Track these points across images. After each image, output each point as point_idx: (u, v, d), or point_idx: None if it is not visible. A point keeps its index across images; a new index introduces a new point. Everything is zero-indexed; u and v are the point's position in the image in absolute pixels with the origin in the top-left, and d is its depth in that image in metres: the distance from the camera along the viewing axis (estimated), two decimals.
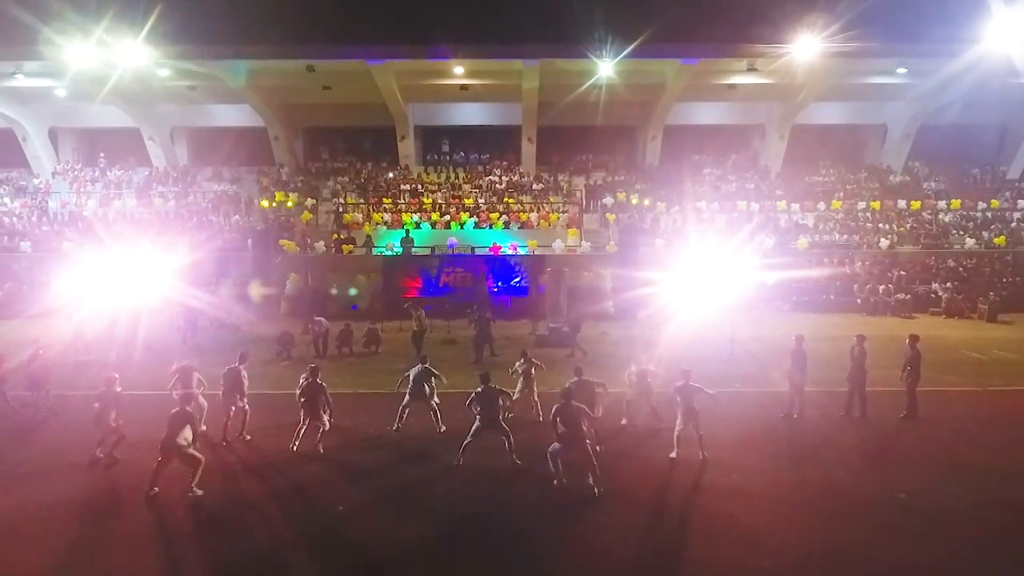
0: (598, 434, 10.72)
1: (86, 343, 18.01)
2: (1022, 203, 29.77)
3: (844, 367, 13.26)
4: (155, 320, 21.03)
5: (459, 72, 27.91)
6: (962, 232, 27.96)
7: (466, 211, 28.75)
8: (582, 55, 25.54)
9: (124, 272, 20.93)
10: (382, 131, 32.95)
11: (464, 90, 29.53)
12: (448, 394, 12.53)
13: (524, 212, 28.70)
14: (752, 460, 10.61)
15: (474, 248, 25.80)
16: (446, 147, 34.61)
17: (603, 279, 24.15)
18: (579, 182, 31.76)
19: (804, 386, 12.84)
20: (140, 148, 33.07)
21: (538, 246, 25.87)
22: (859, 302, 24.38)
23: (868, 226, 28.23)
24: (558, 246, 25.90)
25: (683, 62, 26.41)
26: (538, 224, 28.00)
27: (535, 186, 31.04)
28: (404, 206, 29.41)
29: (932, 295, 24.67)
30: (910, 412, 12.70)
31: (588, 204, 30.26)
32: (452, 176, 32.45)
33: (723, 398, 13.93)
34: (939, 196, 30.51)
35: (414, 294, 24.21)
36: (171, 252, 25.06)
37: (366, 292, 23.98)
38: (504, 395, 10.41)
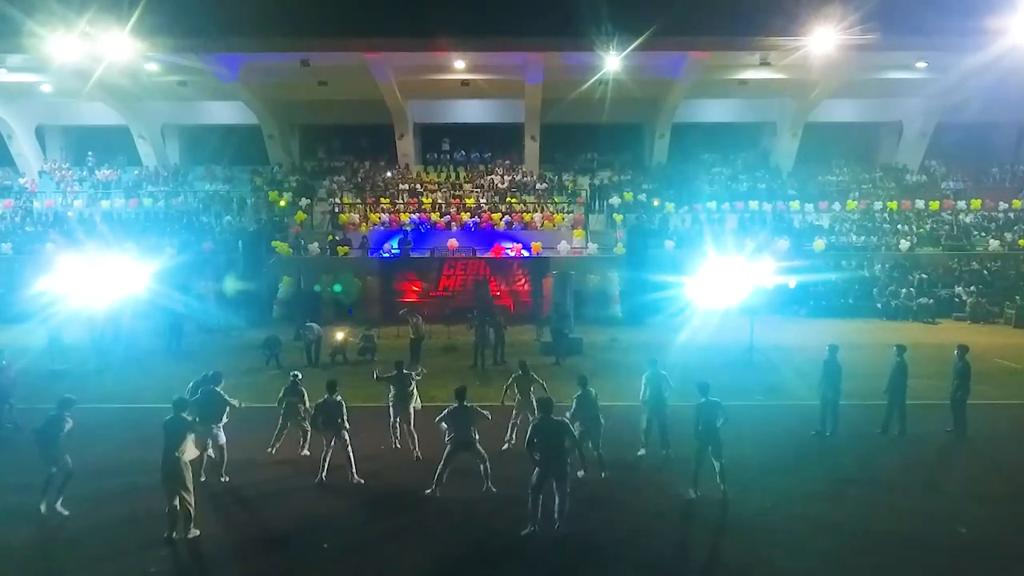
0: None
1: (62, 350, 16.95)
2: None
3: (871, 377, 12.20)
4: (138, 325, 19.98)
5: (460, 67, 26.83)
6: (984, 233, 26.84)
7: (467, 211, 27.66)
8: (588, 48, 24.42)
9: (107, 275, 19.82)
10: (380, 129, 31.80)
11: (465, 86, 28.43)
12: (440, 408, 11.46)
13: (527, 212, 27.62)
14: (782, 486, 9.46)
15: (475, 250, 24.68)
16: (446, 145, 33.48)
17: (611, 282, 23.05)
18: (584, 182, 30.66)
19: (839, 401, 11.73)
20: (130, 146, 31.97)
21: (542, 248, 24.76)
22: (879, 307, 23.27)
23: (886, 227, 27.11)
24: (563, 248, 24.80)
25: (694, 56, 25.28)
26: (542, 225, 26.90)
27: (538, 186, 29.96)
28: (403, 206, 28.31)
29: (956, 299, 23.56)
30: (959, 429, 11.59)
31: (593, 204, 29.16)
32: (452, 175, 31.37)
33: (744, 412, 12.88)
34: (958, 196, 29.38)
35: (413, 298, 23.12)
36: (158, 254, 24.05)
37: (351, 289, 22.88)
38: (480, 418, 9.01)
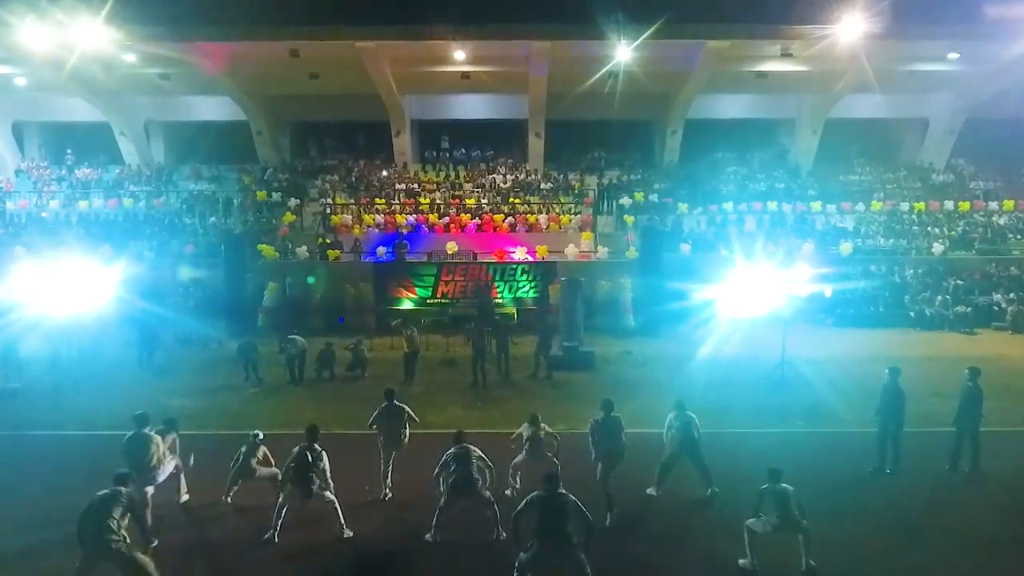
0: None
1: (17, 366, 15.27)
2: None
3: (917, 398, 10.81)
4: (106, 337, 18.22)
5: (460, 58, 25.09)
6: (1020, 236, 25.08)
7: (467, 213, 25.95)
8: (598, 37, 22.71)
9: (74, 281, 18.09)
10: (376, 126, 30.15)
11: (465, 79, 26.71)
12: (435, 436, 9.78)
13: (532, 214, 25.88)
14: (848, 537, 7.84)
15: (476, 254, 22.95)
16: (445, 143, 31.79)
17: (623, 289, 21.32)
18: (591, 181, 28.94)
19: (901, 433, 10.01)
20: (112, 144, 30.26)
21: (548, 251, 23.03)
22: (912, 315, 21.51)
23: (915, 229, 25.36)
24: (571, 251, 23.05)
25: (712, 45, 23.53)
26: (548, 227, 25.18)
27: (543, 185, 28.24)
28: (399, 207, 26.60)
29: (995, 307, 21.80)
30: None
31: (602, 205, 27.45)
32: (452, 174, 29.65)
33: (785, 441, 11.24)
34: (988, 196, 27.63)
35: (408, 306, 21.44)
36: (134, 258, 22.38)
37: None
38: (485, 467, 7.58)
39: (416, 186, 28.24)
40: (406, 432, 9.09)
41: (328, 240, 23.58)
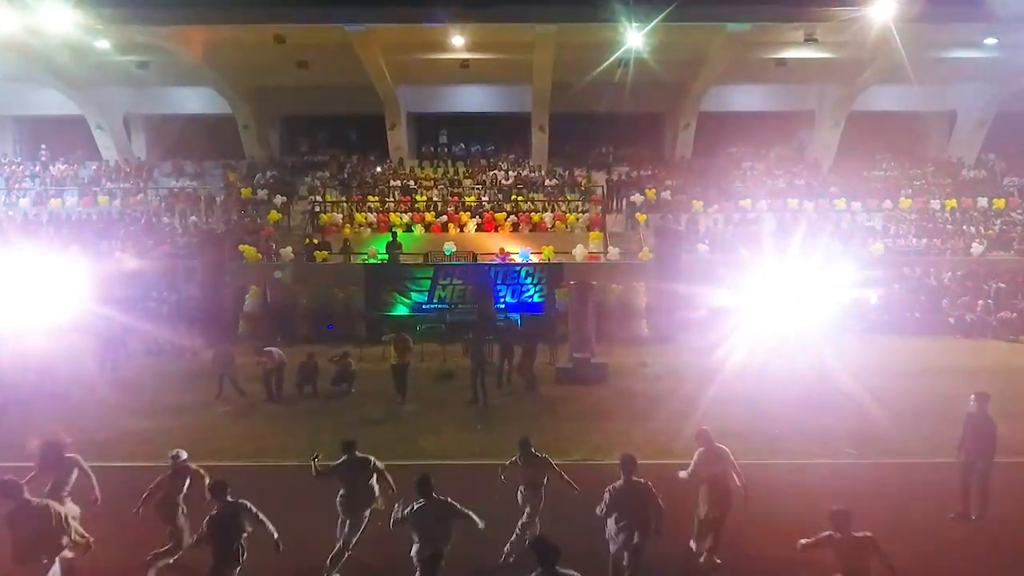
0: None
1: None
2: None
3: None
4: (65, 346, 16.32)
5: (458, 44, 23.32)
6: None
7: (467, 211, 24.18)
8: (608, 20, 20.95)
9: (31, 285, 16.36)
10: (370, 119, 28.42)
11: (465, 67, 24.96)
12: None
13: (536, 212, 24.14)
14: None
15: (476, 255, 21.17)
16: (444, 137, 30.03)
17: (636, 293, 19.55)
18: (599, 177, 27.19)
19: (989, 472, 8.22)
20: (90, 139, 28.59)
21: (554, 253, 21.26)
22: (951, 321, 19.76)
23: (949, 228, 23.58)
24: (579, 253, 21.25)
25: (731, 28, 21.77)
26: (553, 226, 23.42)
27: (547, 182, 26.50)
28: (393, 205, 24.84)
29: None
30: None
31: (611, 202, 25.70)
32: (450, 171, 27.87)
33: (835, 473, 9.50)
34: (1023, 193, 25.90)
35: (402, 311, 19.68)
36: (104, 260, 20.65)
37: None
38: (460, 517, 5.74)
39: (412, 183, 26.50)
40: (377, 499, 6.75)
41: (316, 240, 21.84)
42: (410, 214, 23.89)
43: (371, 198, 25.17)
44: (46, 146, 28.80)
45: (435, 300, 19.78)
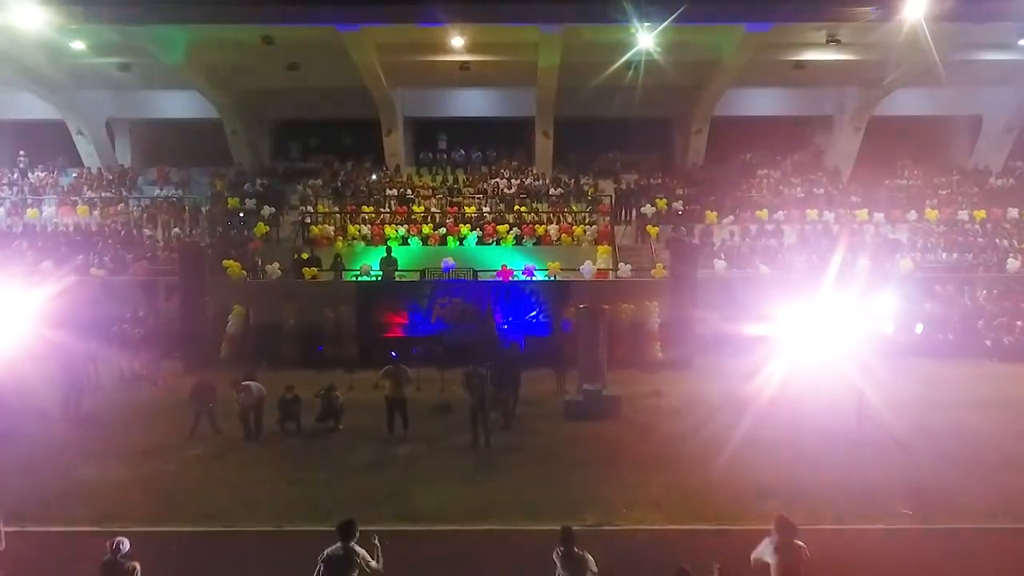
0: None
1: None
2: None
3: None
4: (24, 373, 14.80)
5: (458, 45, 21.94)
6: None
7: (467, 222, 22.79)
8: (618, 20, 19.57)
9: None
10: (365, 124, 27.05)
11: (465, 70, 23.63)
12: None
13: (540, 224, 22.75)
14: None
15: (477, 272, 19.77)
16: (443, 143, 28.72)
17: (649, 314, 18.13)
18: (606, 186, 25.80)
19: None
20: (71, 145, 27.24)
21: (561, 269, 19.86)
22: (988, 344, 18.34)
23: (980, 241, 22.16)
24: (587, 270, 19.83)
25: (749, 29, 20.38)
26: (558, 239, 22.02)
27: (552, 191, 25.10)
28: (388, 216, 23.45)
29: None
30: None
31: (619, 213, 24.31)
32: (450, 179, 26.48)
33: (895, 543, 8.24)
34: None
35: (397, 333, 18.28)
36: (78, 276, 19.26)
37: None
38: None
39: (409, 192, 25.10)
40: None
41: (305, 255, 20.44)
42: (407, 226, 22.50)
43: (365, 208, 23.80)
44: (24, 152, 27.40)
45: (432, 321, 18.39)
